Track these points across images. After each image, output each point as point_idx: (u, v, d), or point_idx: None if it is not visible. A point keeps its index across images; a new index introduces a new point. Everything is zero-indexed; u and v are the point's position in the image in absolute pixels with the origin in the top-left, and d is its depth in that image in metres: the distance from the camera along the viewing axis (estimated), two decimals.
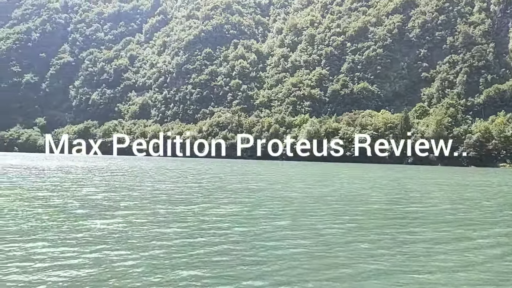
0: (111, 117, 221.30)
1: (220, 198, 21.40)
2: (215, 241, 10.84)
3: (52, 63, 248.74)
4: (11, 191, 21.73)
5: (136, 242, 10.47)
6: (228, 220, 14.36)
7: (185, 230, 12.18)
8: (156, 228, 12.43)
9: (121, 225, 12.88)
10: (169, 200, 20.26)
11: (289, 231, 12.66)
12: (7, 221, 12.82)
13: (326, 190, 29.59)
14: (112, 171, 46.97)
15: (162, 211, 16.13)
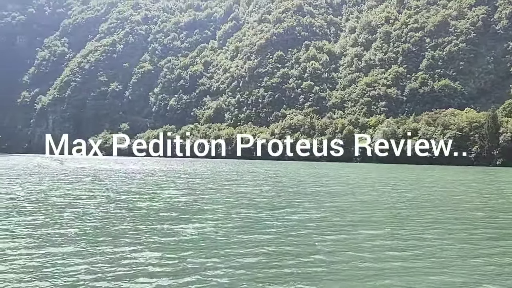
0: (187, 121, 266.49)
1: (303, 203, 22.50)
2: (307, 251, 11.22)
3: (134, 72, 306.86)
4: (101, 193, 25.08)
5: (225, 248, 11.44)
6: (317, 226, 15.15)
7: (274, 238, 12.96)
8: (243, 234, 13.42)
9: (208, 229, 14.25)
10: (251, 204, 21.56)
11: (388, 240, 12.66)
12: (97, 223, 15.07)
13: (416, 194, 29.89)
14: (190, 174, 52.83)
15: (247, 216, 17.64)
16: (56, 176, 45.92)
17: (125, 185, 35.12)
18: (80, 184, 34.62)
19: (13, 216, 17.06)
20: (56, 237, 12.94)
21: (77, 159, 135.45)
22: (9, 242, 12.05)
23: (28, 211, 18.20)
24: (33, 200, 22.65)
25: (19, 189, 28.41)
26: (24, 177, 43.08)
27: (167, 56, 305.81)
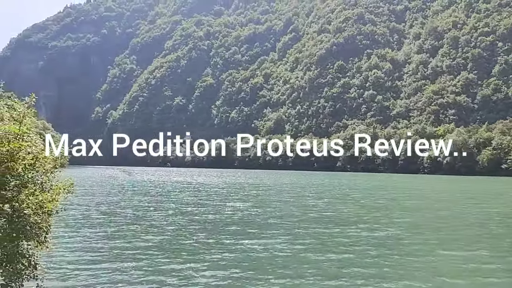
0: (248, 133, 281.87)
1: (376, 217, 22.09)
2: (390, 275, 10.83)
3: (197, 86, 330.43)
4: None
5: (295, 268, 11.58)
6: (395, 245, 14.42)
7: (350, 257, 12.85)
8: (313, 252, 13.56)
9: (276, 246, 14.32)
10: (320, 218, 21.88)
11: (483, 263, 11.67)
12: (165, 236, 16.38)
13: (503, 209, 28.34)
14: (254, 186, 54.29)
15: (316, 231, 17.50)
16: (125, 187, 50.86)
17: (191, 197, 36.79)
18: (148, 196, 36.92)
19: (84, 227, 18.92)
20: (123, 250, 13.80)
21: (144, 171, 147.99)
22: (78, 255, 13.04)
23: (98, 223, 20.06)
24: (104, 211, 24.92)
25: (92, 200, 31.26)
26: (96, 188, 47.96)
27: (228, 70, 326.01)
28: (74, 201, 26.01)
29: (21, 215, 7.57)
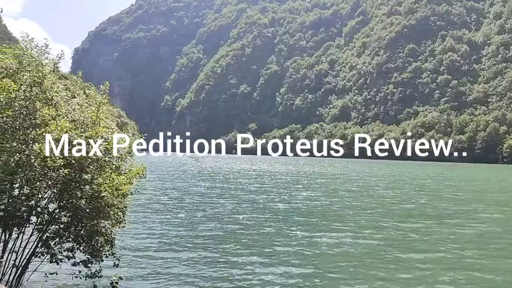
0: (312, 120, 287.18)
1: (465, 212, 21.07)
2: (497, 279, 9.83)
3: (262, 74, 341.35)
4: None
5: (368, 266, 11.03)
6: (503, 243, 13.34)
7: (439, 256, 12.08)
8: (393, 249, 12.69)
9: (348, 241, 13.81)
10: (399, 211, 21.07)
11: None
12: (231, 226, 15.91)
13: None
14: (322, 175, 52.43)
15: (397, 226, 16.88)
16: (193, 173, 52.52)
17: (257, 184, 36.72)
18: (215, 182, 37.59)
19: (153, 211, 19.72)
20: (189, 238, 14.10)
21: (212, 157, 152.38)
22: (144, 241, 13.56)
23: (166, 208, 20.79)
24: (172, 196, 25.69)
25: (161, 185, 32.32)
26: (164, 173, 50.11)
27: (292, 57, 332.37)
28: (145, 185, 26.04)
29: (100, 196, 8.23)
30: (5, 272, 8.07)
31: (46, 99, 8.20)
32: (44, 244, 8.44)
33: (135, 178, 9.32)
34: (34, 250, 8.43)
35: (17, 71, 8.05)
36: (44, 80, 8.14)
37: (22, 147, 7.73)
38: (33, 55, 8.46)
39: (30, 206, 8.09)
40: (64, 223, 8.57)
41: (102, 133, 8.58)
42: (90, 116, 8.68)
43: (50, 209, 8.44)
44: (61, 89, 8.82)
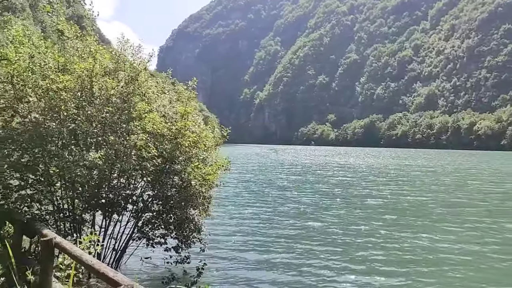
0: (395, 110, 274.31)
1: None
2: None
3: (340, 63, 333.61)
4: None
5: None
6: None
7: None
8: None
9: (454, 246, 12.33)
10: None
11: None
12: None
13: None
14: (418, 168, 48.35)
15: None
16: (273, 166, 52.36)
17: (341, 178, 35.53)
18: (295, 175, 37.13)
19: (234, 202, 20.20)
20: (268, 232, 14.08)
21: (290, 149, 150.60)
22: (228, 230, 14.10)
23: (247, 201, 21.19)
24: (252, 189, 26.24)
25: (242, 178, 33.00)
26: (245, 165, 50.37)
27: (373, 44, 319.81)
28: (227, 177, 25.18)
29: (188, 185, 8.64)
30: (106, 255, 8.78)
31: (141, 94, 8.77)
32: (140, 231, 9.08)
33: (220, 170, 9.63)
34: (130, 236, 9.10)
35: (115, 70, 8.72)
36: (138, 77, 8.70)
37: (120, 139, 8.36)
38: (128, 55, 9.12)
39: (127, 195, 8.73)
40: (156, 211, 9.16)
41: (190, 127, 8.97)
42: (179, 110, 9.12)
43: (144, 198, 9.05)
44: (153, 85, 9.39)
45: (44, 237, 5.03)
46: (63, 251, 4.80)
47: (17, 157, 7.60)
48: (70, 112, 7.86)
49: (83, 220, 8.39)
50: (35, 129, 7.51)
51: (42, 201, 7.80)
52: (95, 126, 8.32)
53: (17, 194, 7.59)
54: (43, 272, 4.83)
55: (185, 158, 8.93)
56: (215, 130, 10.52)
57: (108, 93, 8.33)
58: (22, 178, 7.83)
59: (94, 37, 8.76)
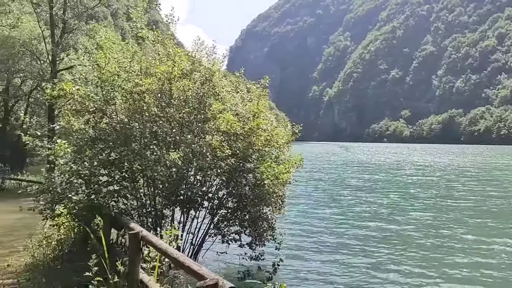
0: (477, 104, 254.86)
1: None
2: None
3: (415, 56, 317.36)
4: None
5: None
6: None
7: None
8: None
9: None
10: None
11: None
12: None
13: None
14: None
15: None
16: (344, 164, 51.29)
17: (417, 177, 33.15)
18: (367, 174, 36.05)
19: (305, 201, 20.11)
20: (343, 233, 13.75)
21: (362, 147, 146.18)
22: (302, 228, 13.85)
23: (318, 200, 21.06)
24: (323, 188, 25.99)
25: (312, 176, 32.81)
26: (316, 163, 49.83)
27: (452, 34, 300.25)
28: (297, 175, 26.78)
29: (262, 184, 8.71)
30: (184, 249, 9.20)
31: (215, 94, 9.06)
32: (215, 227, 9.40)
33: (293, 168, 9.68)
34: (207, 231, 9.45)
35: (191, 71, 9.09)
36: (213, 77, 8.99)
37: (196, 139, 8.72)
38: (203, 56, 9.46)
39: (203, 192, 9.08)
40: (231, 208, 9.42)
41: (263, 125, 9.09)
42: (252, 109, 9.30)
43: (219, 195, 9.35)
44: (226, 85, 9.65)
45: (131, 231, 5.38)
46: (149, 244, 5.10)
47: (106, 156, 8.20)
48: (152, 113, 8.32)
49: (164, 215, 8.86)
50: (121, 130, 8.06)
51: (128, 197, 8.33)
52: (173, 126, 8.74)
53: (105, 190, 8.18)
54: (131, 263, 5.17)
55: (258, 157, 9.10)
56: (287, 128, 10.41)
57: (185, 94, 8.71)
58: (109, 175, 8.44)
59: (173, 41, 9.19)
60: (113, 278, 5.28)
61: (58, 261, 7.88)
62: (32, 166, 34.71)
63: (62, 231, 8.75)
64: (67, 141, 8.42)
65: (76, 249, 8.25)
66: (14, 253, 9.12)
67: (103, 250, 5.92)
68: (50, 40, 28.25)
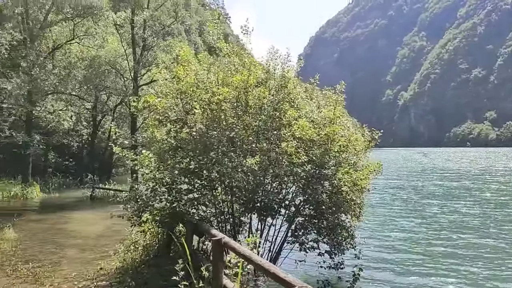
0: None
1: None
2: None
3: (500, 53, 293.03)
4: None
5: None
6: None
7: None
8: None
9: None
10: None
11: None
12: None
13: None
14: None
15: None
16: (424, 171, 48.27)
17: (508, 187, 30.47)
18: (450, 182, 33.80)
19: (385, 209, 19.68)
20: (427, 244, 13.14)
21: (442, 152, 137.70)
22: (381, 236, 13.82)
23: (399, 209, 20.36)
24: (403, 197, 24.95)
25: (390, 183, 31.97)
26: (393, 170, 47.36)
27: None
28: (373, 182, 24.92)
29: (339, 191, 8.55)
30: (262, 256, 9.22)
31: (290, 101, 9.07)
32: (293, 234, 9.31)
33: (372, 174, 9.35)
34: (284, 239, 9.40)
35: (266, 79, 9.20)
36: (288, 84, 9.02)
37: (271, 146, 8.77)
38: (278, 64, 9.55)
39: (280, 199, 9.06)
40: (308, 216, 9.29)
41: (339, 131, 8.96)
42: (328, 115, 9.20)
43: (296, 202, 9.26)
44: (301, 91, 9.63)
45: (213, 237, 5.49)
46: (232, 250, 5.17)
47: (186, 164, 8.52)
48: (229, 122, 8.52)
49: (241, 222, 8.97)
50: (200, 138, 8.34)
51: (207, 204, 8.57)
52: (250, 134, 8.87)
53: (186, 197, 8.49)
54: (214, 269, 5.27)
55: (335, 163, 8.91)
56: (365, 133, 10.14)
57: (261, 102, 8.82)
58: (190, 183, 8.76)
59: (249, 51, 9.39)
60: (198, 283, 5.42)
61: (144, 265, 8.32)
62: (117, 176, 37.33)
63: (147, 237, 9.22)
64: (150, 151, 8.92)
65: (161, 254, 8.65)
66: (106, 257, 9.78)
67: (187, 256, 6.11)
68: (132, 58, 30.42)
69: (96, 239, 12.76)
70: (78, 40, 29.12)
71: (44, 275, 8.59)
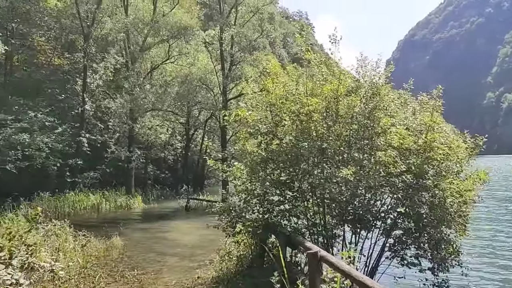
0: None
1: None
2: None
3: None
4: None
5: None
6: None
7: None
8: None
9: None
10: None
11: None
12: None
13: None
14: None
15: None
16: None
17: None
18: None
19: (495, 224, 18.59)
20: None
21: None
22: (489, 251, 13.11)
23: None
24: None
25: (497, 194, 29.82)
26: (501, 180, 43.95)
27: None
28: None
29: (443, 202, 7.91)
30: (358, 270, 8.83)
31: (383, 109, 8.69)
32: (390, 249, 8.79)
33: (478, 184, 8.63)
34: (381, 254, 8.91)
35: (356, 88, 8.95)
36: (380, 91, 8.67)
37: (365, 155, 8.43)
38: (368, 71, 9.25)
39: (375, 211, 8.63)
40: (406, 229, 8.69)
41: (439, 139, 8.34)
42: (425, 121, 8.61)
43: (392, 215, 8.74)
44: (395, 97, 9.19)
45: (308, 250, 5.38)
46: (329, 264, 5.01)
47: (277, 176, 8.56)
48: (320, 132, 8.40)
49: (334, 235, 8.71)
50: (290, 150, 8.33)
51: (299, 216, 8.49)
52: (341, 144, 8.65)
53: (277, 209, 8.51)
54: (311, 282, 5.15)
55: (435, 173, 8.26)
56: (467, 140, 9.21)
57: (352, 111, 8.57)
58: (281, 194, 8.78)
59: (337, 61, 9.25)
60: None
61: (239, 275, 8.47)
62: (209, 187, 39.01)
63: (241, 248, 9.41)
64: (242, 163, 9.13)
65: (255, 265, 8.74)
66: (202, 266, 10.17)
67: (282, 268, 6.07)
68: (220, 73, 31.80)
69: (192, 248, 13.34)
70: (173, 59, 31.22)
71: (148, 281, 9.16)
